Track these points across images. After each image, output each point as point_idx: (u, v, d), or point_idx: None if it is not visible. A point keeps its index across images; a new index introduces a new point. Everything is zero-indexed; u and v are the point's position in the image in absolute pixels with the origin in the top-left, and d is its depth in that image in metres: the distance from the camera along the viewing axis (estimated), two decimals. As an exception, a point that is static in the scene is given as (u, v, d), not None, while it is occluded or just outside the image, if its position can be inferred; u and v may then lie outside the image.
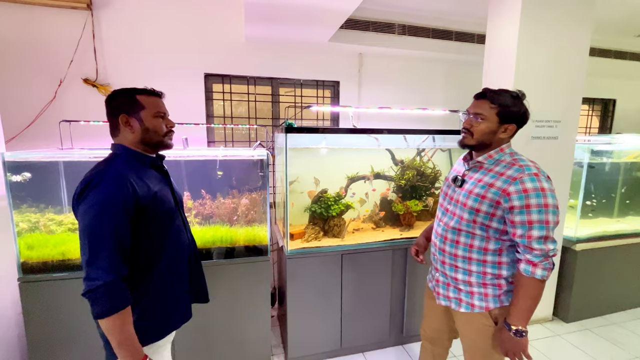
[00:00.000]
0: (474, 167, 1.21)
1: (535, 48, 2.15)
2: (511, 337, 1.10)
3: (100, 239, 0.91)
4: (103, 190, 0.93)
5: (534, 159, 2.23)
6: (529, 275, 1.07)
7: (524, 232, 1.07)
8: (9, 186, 1.53)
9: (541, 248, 1.06)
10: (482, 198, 1.13)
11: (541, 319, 2.54)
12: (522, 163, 1.13)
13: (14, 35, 2.24)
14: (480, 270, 1.19)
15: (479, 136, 1.15)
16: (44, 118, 2.31)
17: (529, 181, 1.07)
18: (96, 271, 0.89)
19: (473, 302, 1.21)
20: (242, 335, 1.91)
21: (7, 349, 1.67)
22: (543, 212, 1.05)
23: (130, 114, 1.05)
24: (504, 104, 1.12)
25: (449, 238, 1.24)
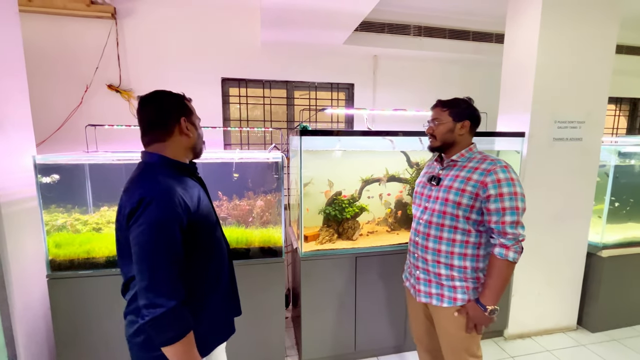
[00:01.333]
0: (449, 166, 1.33)
1: (557, 46, 2.08)
2: (484, 316, 1.22)
3: (160, 263, 0.85)
4: (157, 210, 0.85)
5: (556, 161, 2.19)
6: (503, 258, 1.19)
7: (498, 218, 1.19)
8: (39, 187, 1.62)
9: (513, 232, 1.18)
10: (462, 192, 1.24)
11: (564, 327, 2.44)
12: (492, 157, 1.28)
13: (44, 45, 2.37)
14: (461, 264, 1.27)
15: (441, 136, 1.30)
16: (71, 122, 2.43)
17: (500, 172, 1.20)
18: (158, 298, 0.83)
19: (455, 296, 1.28)
20: (256, 336, 1.93)
21: (36, 342, 1.75)
22: (514, 199, 1.18)
23: (188, 118, 0.99)
24: (453, 105, 1.30)
25: (432, 234, 1.30)
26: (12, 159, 1.62)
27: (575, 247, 2.36)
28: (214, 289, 1.05)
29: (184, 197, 0.92)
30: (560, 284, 2.37)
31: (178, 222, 0.88)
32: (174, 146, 0.98)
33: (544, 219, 2.26)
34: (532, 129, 2.14)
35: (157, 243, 0.85)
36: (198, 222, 0.95)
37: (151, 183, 0.90)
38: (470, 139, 1.34)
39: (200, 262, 0.99)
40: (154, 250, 0.84)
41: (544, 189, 2.22)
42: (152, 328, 0.84)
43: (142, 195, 0.86)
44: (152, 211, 0.85)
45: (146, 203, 0.85)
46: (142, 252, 0.85)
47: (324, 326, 2.00)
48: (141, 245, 0.85)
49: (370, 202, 2.29)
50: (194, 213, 0.93)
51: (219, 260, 1.07)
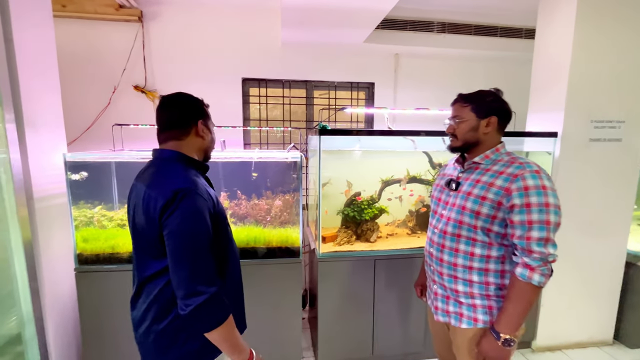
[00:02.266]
0: (470, 169, 1.16)
1: (594, 40, 1.94)
2: (497, 346, 1.04)
3: (200, 252, 0.87)
4: (193, 201, 0.87)
5: (592, 163, 2.05)
6: (525, 280, 1.00)
7: (523, 232, 1.01)
8: (69, 184, 1.69)
9: (541, 251, 0.99)
10: (483, 199, 1.06)
11: (599, 342, 2.28)
12: (521, 160, 1.08)
13: (76, 48, 2.48)
14: (482, 280, 1.11)
15: (462, 135, 1.14)
16: (99, 122, 2.53)
17: (530, 178, 1.01)
18: (201, 285, 0.85)
19: (476, 316, 1.12)
20: (273, 336, 1.92)
21: (64, 332, 1.83)
22: (544, 212, 0.99)
23: (205, 121, 1.03)
24: (474, 100, 1.12)
25: (447, 246, 1.15)
26: (44, 156, 1.70)
27: (613, 255, 2.20)
28: (231, 283, 1.06)
29: (207, 190, 0.97)
30: (596, 295, 2.22)
31: (209, 212, 0.92)
32: (189, 146, 1.02)
33: (578, 224, 2.11)
34: (565, 128, 2.01)
35: (196, 232, 0.87)
36: (218, 217, 0.98)
37: (180, 176, 0.92)
38: (499, 137, 1.15)
39: (221, 255, 1.01)
40: (194, 239, 0.87)
41: (578, 193, 2.08)
42: (195, 316, 0.85)
43: (176, 187, 0.88)
44: (188, 202, 0.87)
45: (182, 195, 0.87)
46: (182, 242, 0.86)
47: (341, 329, 1.97)
48: (181, 235, 0.86)
49: (389, 203, 2.23)
50: (214, 206, 0.97)
51: (235, 255, 1.10)
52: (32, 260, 1.62)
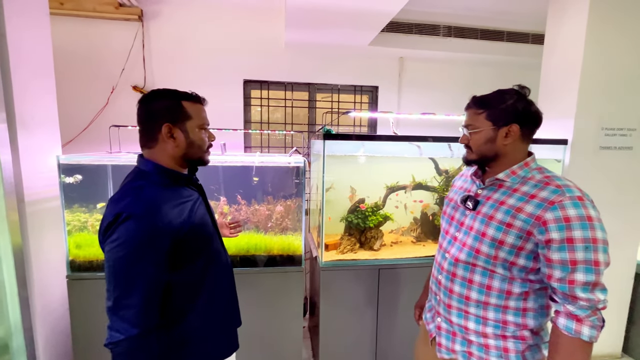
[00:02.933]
0: (492, 185, 0.97)
1: (606, 46, 1.90)
2: None
3: (127, 287, 0.78)
4: (134, 226, 0.78)
5: (603, 171, 1.99)
6: (573, 335, 0.81)
7: (564, 275, 0.81)
8: (62, 187, 1.62)
9: (589, 298, 0.80)
10: (508, 227, 0.88)
11: (607, 355, 2.22)
12: (559, 182, 0.88)
13: (74, 46, 2.42)
14: (499, 318, 0.92)
15: (478, 148, 0.96)
16: (97, 123, 2.47)
17: (571, 207, 0.82)
18: (119, 323, 0.77)
19: (488, 358, 0.94)
20: (273, 345, 1.85)
21: (55, 343, 1.75)
22: (591, 250, 0.80)
23: (175, 123, 0.89)
24: (490, 104, 0.93)
25: (459, 275, 0.97)
26: (37, 158, 1.63)
27: (623, 267, 2.14)
28: (210, 304, 0.97)
29: (170, 213, 0.84)
30: (604, 307, 2.15)
31: (157, 241, 0.80)
32: (162, 153, 0.91)
33: (587, 234, 2.06)
34: (575, 135, 1.96)
35: (127, 263, 0.78)
36: (187, 239, 0.88)
37: (134, 197, 0.83)
38: (525, 148, 0.96)
39: (192, 280, 0.91)
40: (124, 271, 0.78)
41: (587, 202, 2.02)
42: (111, 351, 0.78)
43: (120, 209, 0.79)
44: (127, 228, 0.78)
45: (123, 219, 0.78)
46: (109, 271, 0.79)
47: (343, 339, 1.90)
48: (110, 262, 0.78)
49: (394, 210, 2.17)
50: (180, 229, 0.85)
51: (216, 276, 0.99)
52: (22, 267, 1.54)
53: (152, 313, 0.81)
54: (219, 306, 1.01)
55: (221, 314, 1.02)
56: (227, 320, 1.05)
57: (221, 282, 1.02)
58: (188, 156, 0.94)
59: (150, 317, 0.81)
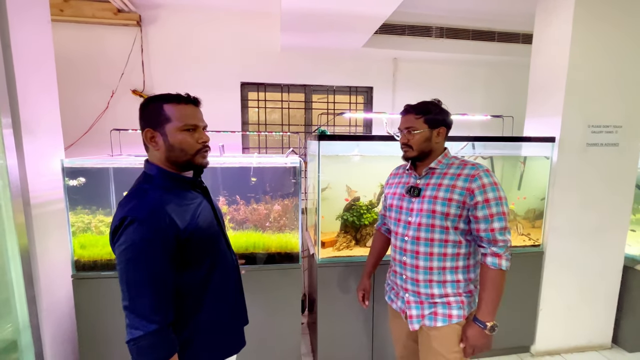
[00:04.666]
0: (427, 174, 1.23)
1: (591, 45, 1.96)
2: (485, 335, 1.12)
3: (139, 285, 0.82)
4: (139, 229, 0.82)
5: (590, 168, 2.07)
6: (496, 268, 1.11)
7: (487, 225, 1.12)
8: (66, 189, 1.67)
9: (503, 239, 1.12)
10: (449, 201, 1.15)
11: (598, 346, 2.28)
12: (472, 162, 1.20)
13: (74, 52, 2.47)
14: (454, 278, 1.19)
15: (418, 146, 1.20)
16: (97, 127, 2.52)
17: (484, 176, 1.13)
18: (137, 320, 0.81)
19: (450, 313, 1.18)
20: (272, 341, 1.91)
21: (61, 340, 1.81)
22: (499, 205, 1.12)
23: (155, 127, 0.90)
24: (427, 111, 1.19)
25: (422, 252, 1.20)
26: (41, 162, 1.68)
27: (611, 260, 2.21)
28: (217, 305, 1.01)
29: (173, 215, 0.87)
30: (594, 299, 2.22)
31: (161, 241, 0.84)
32: (154, 159, 0.95)
33: (575, 229, 2.13)
34: (563, 133, 2.02)
35: (137, 263, 0.82)
36: (192, 240, 0.91)
37: (139, 201, 0.87)
38: (444, 144, 1.26)
39: (198, 279, 0.95)
40: (132, 270, 0.82)
41: (575, 198, 2.09)
42: (131, 348, 0.83)
43: (125, 214, 0.84)
44: (133, 231, 0.82)
45: (127, 223, 0.83)
46: (122, 273, 0.83)
47: (341, 334, 1.96)
48: (121, 265, 0.83)
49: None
50: (184, 231, 0.89)
51: (222, 276, 1.02)
52: (29, 267, 1.60)
53: (167, 309, 0.86)
54: (226, 305, 1.04)
55: (228, 313, 1.05)
56: (235, 319, 1.09)
57: (227, 283, 1.05)
58: (171, 160, 0.93)
59: (165, 313, 0.85)
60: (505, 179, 2.52)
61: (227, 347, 1.07)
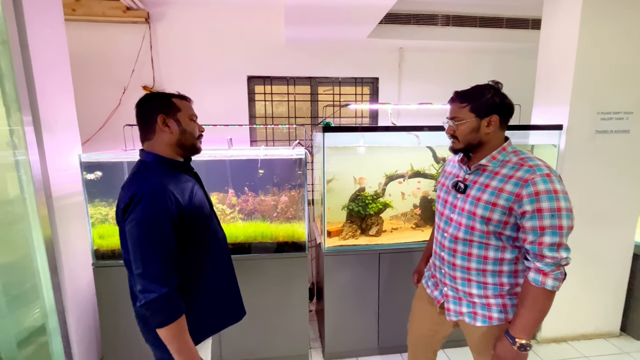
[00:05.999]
0: (477, 171, 1.11)
1: (600, 30, 1.92)
2: (513, 351, 1.02)
3: (152, 253, 0.93)
4: (149, 205, 0.93)
5: (599, 155, 2.04)
6: (538, 285, 0.99)
7: (535, 238, 0.99)
8: (84, 183, 1.76)
9: (553, 256, 0.98)
10: (494, 206, 1.03)
11: (606, 333, 2.29)
12: (531, 163, 1.03)
13: (85, 50, 2.55)
14: (496, 282, 1.10)
15: (463, 137, 1.09)
16: (110, 123, 2.61)
17: (540, 183, 0.97)
18: (151, 284, 0.92)
19: (491, 315, 1.11)
20: (282, 327, 1.99)
21: (84, 325, 1.93)
22: (556, 217, 0.96)
23: (168, 114, 1.05)
24: (473, 98, 1.07)
25: (460, 250, 1.13)
26: (61, 157, 1.77)
27: (620, 248, 2.19)
28: (214, 276, 1.13)
29: (174, 192, 0.99)
30: (603, 287, 2.22)
31: (168, 216, 0.96)
32: (160, 143, 1.06)
33: (585, 216, 2.11)
34: (571, 121, 2.00)
35: (148, 236, 0.93)
36: (190, 214, 1.03)
37: (143, 181, 0.98)
38: (502, 135, 1.10)
39: (196, 252, 1.07)
40: (145, 242, 0.93)
41: (584, 185, 2.07)
42: (146, 311, 0.93)
43: (134, 192, 0.95)
44: (142, 208, 0.93)
45: (137, 200, 0.94)
46: (135, 245, 0.94)
47: (347, 320, 2.03)
48: (134, 238, 0.93)
49: (394, 198, 2.26)
50: (185, 206, 1.01)
51: (216, 251, 1.15)
52: (53, 256, 1.71)
53: (174, 275, 0.97)
54: (222, 273, 1.17)
55: (224, 281, 1.18)
56: (232, 289, 1.22)
57: (222, 253, 1.18)
58: (182, 142, 1.07)
59: (173, 278, 0.96)
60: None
61: (227, 313, 1.20)
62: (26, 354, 1.62)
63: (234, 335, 1.94)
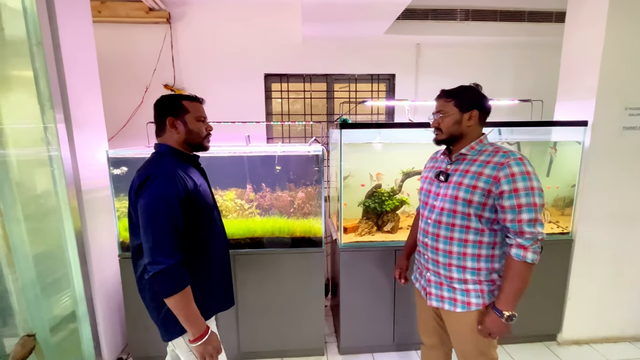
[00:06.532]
0: (457, 160, 1.23)
1: (629, 22, 1.84)
2: (501, 323, 1.13)
3: (162, 228, 1.02)
4: (160, 184, 1.04)
5: (627, 152, 1.97)
6: (520, 260, 1.10)
7: (514, 216, 1.10)
8: (111, 177, 1.85)
9: (531, 231, 1.09)
10: (474, 188, 1.14)
11: (631, 337, 2.21)
12: (505, 149, 1.17)
13: (109, 50, 2.65)
14: (474, 266, 1.19)
15: (447, 129, 1.21)
16: (133, 120, 2.71)
17: (515, 165, 1.10)
18: (160, 256, 1.00)
19: (469, 300, 1.21)
20: (297, 321, 2.02)
21: (111, 312, 2.03)
22: (530, 195, 1.08)
23: (176, 117, 1.16)
24: (457, 95, 1.19)
25: (442, 235, 1.23)
26: (89, 153, 1.86)
27: (648, 248, 2.10)
28: (210, 262, 1.22)
29: (184, 178, 1.11)
30: (628, 288, 2.14)
31: (177, 195, 1.05)
32: (169, 140, 1.18)
33: (609, 215, 2.04)
34: (596, 117, 1.93)
35: (160, 211, 1.02)
36: (196, 200, 1.13)
37: (158, 165, 1.11)
38: (480, 129, 1.23)
39: (199, 235, 1.16)
40: (157, 217, 1.02)
41: (610, 183, 2.00)
42: (154, 282, 1.01)
43: (149, 172, 1.06)
44: (155, 185, 1.04)
45: (152, 179, 1.05)
46: (147, 219, 1.03)
47: (362, 316, 2.04)
48: (147, 213, 1.03)
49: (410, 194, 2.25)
50: (192, 191, 1.11)
51: (218, 238, 1.25)
52: (82, 247, 1.80)
53: (179, 250, 1.05)
54: (214, 266, 1.25)
55: (215, 272, 1.26)
56: (220, 278, 1.28)
57: (217, 247, 1.26)
58: (189, 141, 1.19)
59: (179, 253, 1.05)
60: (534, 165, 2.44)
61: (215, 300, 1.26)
62: (58, 339, 1.72)
63: (252, 328, 1.99)
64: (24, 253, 1.52)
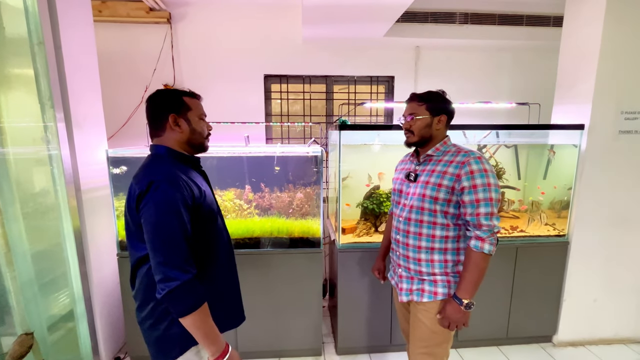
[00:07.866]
0: (425, 161, 1.31)
1: (625, 28, 1.87)
2: (460, 310, 1.20)
3: (173, 240, 0.91)
4: (165, 191, 0.92)
5: (622, 156, 1.99)
6: (478, 250, 1.18)
7: (473, 210, 1.18)
8: (111, 177, 1.85)
9: (488, 224, 1.17)
10: (439, 186, 1.22)
11: (626, 339, 2.23)
12: (466, 149, 1.26)
13: (110, 50, 2.65)
14: (441, 258, 1.27)
15: (419, 131, 1.28)
16: (133, 119, 2.71)
17: (474, 163, 1.18)
18: (173, 271, 0.89)
19: (436, 290, 1.27)
20: (295, 321, 2.03)
21: (109, 311, 2.03)
22: (487, 191, 1.17)
23: (179, 114, 1.04)
24: (430, 99, 1.27)
25: (412, 231, 1.29)
26: (89, 152, 1.87)
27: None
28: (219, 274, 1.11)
29: (187, 183, 0.99)
30: (624, 290, 2.16)
31: (183, 202, 0.94)
32: (169, 140, 1.05)
33: (606, 218, 2.06)
34: (593, 120, 1.95)
35: (168, 220, 0.91)
36: (201, 208, 1.02)
37: (158, 170, 0.97)
38: (445, 132, 1.32)
39: (200, 248, 1.03)
40: (165, 227, 0.91)
41: (606, 187, 2.02)
42: (168, 300, 0.90)
43: (150, 179, 0.93)
44: (160, 192, 0.91)
45: (155, 186, 0.92)
46: (154, 230, 0.91)
47: (360, 317, 2.05)
48: (153, 223, 0.91)
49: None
50: (197, 198, 1.00)
51: (220, 251, 1.12)
52: (81, 246, 1.80)
53: (192, 261, 0.95)
54: (221, 276, 1.13)
55: (223, 284, 1.13)
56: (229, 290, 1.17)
57: (224, 256, 1.14)
58: (191, 141, 1.08)
59: (192, 265, 0.94)
60: (531, 168, 2.46)
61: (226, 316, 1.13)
62: (56, 337, 1.72)
63: (250, 328, 1.99)
64: (22, 251, 1.53)
